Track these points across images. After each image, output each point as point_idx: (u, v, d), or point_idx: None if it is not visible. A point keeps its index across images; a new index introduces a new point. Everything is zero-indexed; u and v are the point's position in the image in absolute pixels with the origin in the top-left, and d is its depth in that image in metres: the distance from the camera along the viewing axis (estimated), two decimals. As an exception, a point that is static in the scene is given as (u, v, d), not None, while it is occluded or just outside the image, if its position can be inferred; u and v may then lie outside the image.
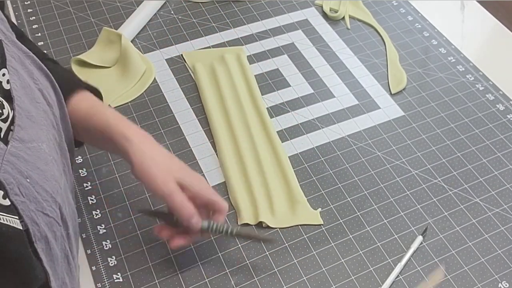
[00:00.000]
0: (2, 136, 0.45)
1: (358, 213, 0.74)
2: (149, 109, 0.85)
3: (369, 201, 0.75)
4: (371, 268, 0.69)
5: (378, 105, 0.87)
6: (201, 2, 1.03)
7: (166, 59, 0.93)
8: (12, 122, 0.46)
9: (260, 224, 0.72)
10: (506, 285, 0.68)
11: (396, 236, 0.72)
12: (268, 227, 0.72)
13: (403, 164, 0.79)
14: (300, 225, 0.72)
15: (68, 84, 0.63)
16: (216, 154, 0.80)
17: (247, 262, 0.69)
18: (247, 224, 0.72)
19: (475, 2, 1.06)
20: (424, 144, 0.82)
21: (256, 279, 0.67)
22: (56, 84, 0.57)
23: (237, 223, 0.72)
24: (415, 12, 1.04)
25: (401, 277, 0.68)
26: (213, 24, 0.99)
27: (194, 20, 1.00)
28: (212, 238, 0.70)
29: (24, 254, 0.45)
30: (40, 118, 0.50)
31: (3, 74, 0.47)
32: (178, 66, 0.92)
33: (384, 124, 0.85)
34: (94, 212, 0.73)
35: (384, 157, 0.80)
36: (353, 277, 0.68)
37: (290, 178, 0.76)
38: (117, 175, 0.77)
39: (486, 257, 0.70)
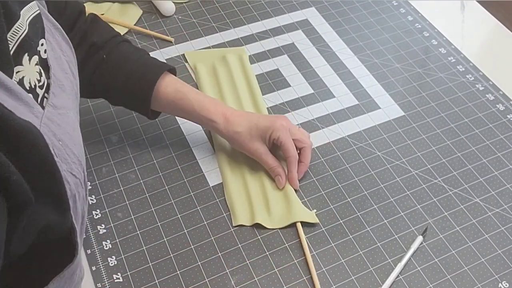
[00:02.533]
0: (38, 101, 0.49)
1: (358, 213, 0.74)
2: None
3: (369, 201, 0.75)
4: (371, 268, 0.69)
5: (378, 105, 0.87)
6: (201, 2, 1.03)
7: (166, 59, 0.93)
8: (47, 90, 0.51)
9: (256, 225, 0.72)
10: (506, 285, 0.68)
11: (396, 236, 0.72)
12: (265, 228, 0.72)
13: (403, 164, 0.79)
14: (298, 221, 0.72)
15: (155, 67, 0.75)
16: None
17: (247, 262, 0.69)
18: (241, 226, 0.72)
19: (475, 2, 1.06)
20: (424, 144, 0.82)
21: (256, 279, 0.67)
22: (76, 59, 0.60)
23: (232, 224, 0.72)
24: (415, 12, 1.04)
25: (401, 277, 0.68)
26: (213, 24, 0.99)
27: (194, 20, 1.00)
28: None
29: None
30: (68, 88, 0.55)
31: (42, 44, 0.51)
32: (178, 66, 0.92)
33: (384, 124, 0.85)
34: (94, 212, 0.73)
35: (384, 157, 0.80)
36: (353, 277, 0.68)
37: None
38: (117, 175, 0.77)
39: (486, 257, 0.70)
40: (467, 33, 1.00)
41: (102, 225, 0.72)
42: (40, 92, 0.50)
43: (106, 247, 0.70)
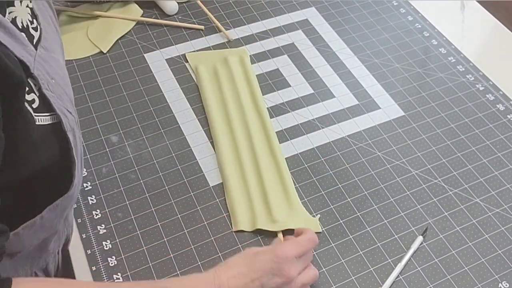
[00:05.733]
0: (34, 43, 0.52)
1: (358, 214, 0.74)
2: (149, 109, 0.85)
3: (369, 201, 0.75)
4: (371, 268, 0.69)
5: (378, 105, 0.87)
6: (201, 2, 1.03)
7: (166, 59, 0.93)
8: (40, 34, 0.54)
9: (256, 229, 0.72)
10: (506, 285, 0.68)
11: (396, 236, 0.72)
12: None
13: (403, 164, 0.79)
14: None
15: None
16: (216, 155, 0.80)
17: (247, 262, 0.69)
18: (241, 231, 0.72)
19: (475, 2, 1.06)
20: (424, 144, 0.82)
21: (256, 279, 0.67)
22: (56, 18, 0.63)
23: (231, 228, 0.72)
24: (415, 12, 1.04)
25: (401, 277, 0.68)
26: (213, 24, 0.99)
27: (194, 20, 1.00)
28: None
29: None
30: (54, 36, 0.58)
31: None
32: (178, 66, 0.92)
33: (384, 124, 0.85)
34: (94, 212, 0.73)
35: (384, 157, 0.80)
36: (353, 277, 0.68)
37: (288, 184, 0.75)
38: (117, 175, 0.77)
39: (486, 257, 0.70)
40: (467, 33, 1.00)
41: (102, 225, 0.72)
42: (36, 34, 0.53)
43: (106, 247, 0.70)
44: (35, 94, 0.50)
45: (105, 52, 0.94)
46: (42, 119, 0.50)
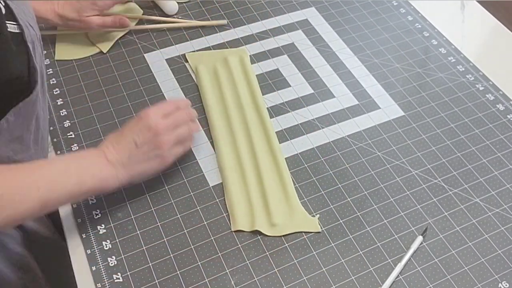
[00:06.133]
0: None
1: (358, 213, 0.74)
2: (149, 109, 0.85)
3: (369, 201, 0.75)
4: (371, 268, 0.69)
5: (378, 105, 0.87)
6: (201, 2, 1.03)
7: (166, 59, 0.93)
8: None
9: (255, 230, 0.72)
10: (506, 285, 0.68)
11: (396, 236, 0.72)
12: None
13: (403, 164, 0.79)
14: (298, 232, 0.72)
15: None
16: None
17: (247, 262, 0.69)
18: (241, 231, 0.72)
19: (475, 2, 1.06)
20: (424, 144, 0.82)
21: (256, 279, 0.67)
22: None
23: (231, 228, 0.72)
24: (415, 12, 1.04)
25: (401, 277, 0.68)
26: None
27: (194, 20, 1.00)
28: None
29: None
30: None
31: None
32: (178, 66, 0.92)
33: (384, 124, 0.85)
34: (94, 212, 0.73)
35: (384, 157, 0.80)
36: (353, 277, 0.68)
37: (288, 185, 0.75)
38: (117, 175, 0.77)
39: (486, 257, 0.70)
40: (467, 33, 1.00)
41: (102, 225, 0.72)
42: None
43: (106, 247, 0.70)
44: (1, 4, 0.57)
45: (105, 52, 0.94)
46: (11, 27, 0.58)
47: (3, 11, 0.57)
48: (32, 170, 0.62)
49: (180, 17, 1.01)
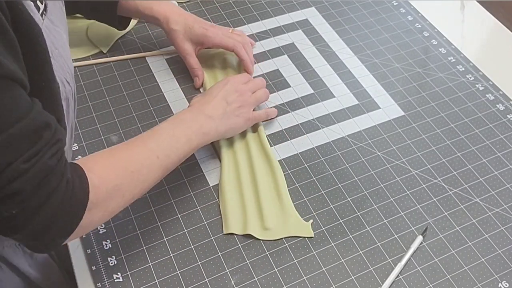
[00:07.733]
0: (40, 13, 0.55)
1: (358, 213, 0.74)
2: (149, 109, 0.85)
3: (369, 201, 0.75)
4: (371, 268, 0.69)
5: (378, 105, 0.87)
6: (201, 2, 1.03)
7: (166, 59, 0.93)
8: (45, 7, 0.57)
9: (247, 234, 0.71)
10: (506, 285, 0.68)
11: (396, 236, 0.72)
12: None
13: (403, 164, 0.79)
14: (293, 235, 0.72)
15: None
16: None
17: (247, 262, 0.69)
18: (232, 234, 0.72)
19: (475, 2, 1.06)
20: (424, 144, 0.82)
21: (256, 279, 0.67)
22: None
23: (222, 230, 0.72)
24: (415, 12, 1.04)
25: (401, 277, 0.68)
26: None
27: (194, 20, 1.00)
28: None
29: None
30: (58, 13, 0.61)
31: None
32: (178, 66, 0.92)
33: (384, 124, 0.85)
34: (94, 212, 0.73)
35: (384, 157, 0.80)
36: (353, 277, 0.68)
37: (282, 188, 0.75)
38: (117, 175, 0.77)
39: (486, 257, 0.70)
40: (467, 33, 1.00)
41: (102, 225, 0.72)
42: (41, 6, 0.56)
43: (106, 247, 0.70)
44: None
45: (105, 52, 0.94)
46: None
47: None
48: (144, 143, 0.65)
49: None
